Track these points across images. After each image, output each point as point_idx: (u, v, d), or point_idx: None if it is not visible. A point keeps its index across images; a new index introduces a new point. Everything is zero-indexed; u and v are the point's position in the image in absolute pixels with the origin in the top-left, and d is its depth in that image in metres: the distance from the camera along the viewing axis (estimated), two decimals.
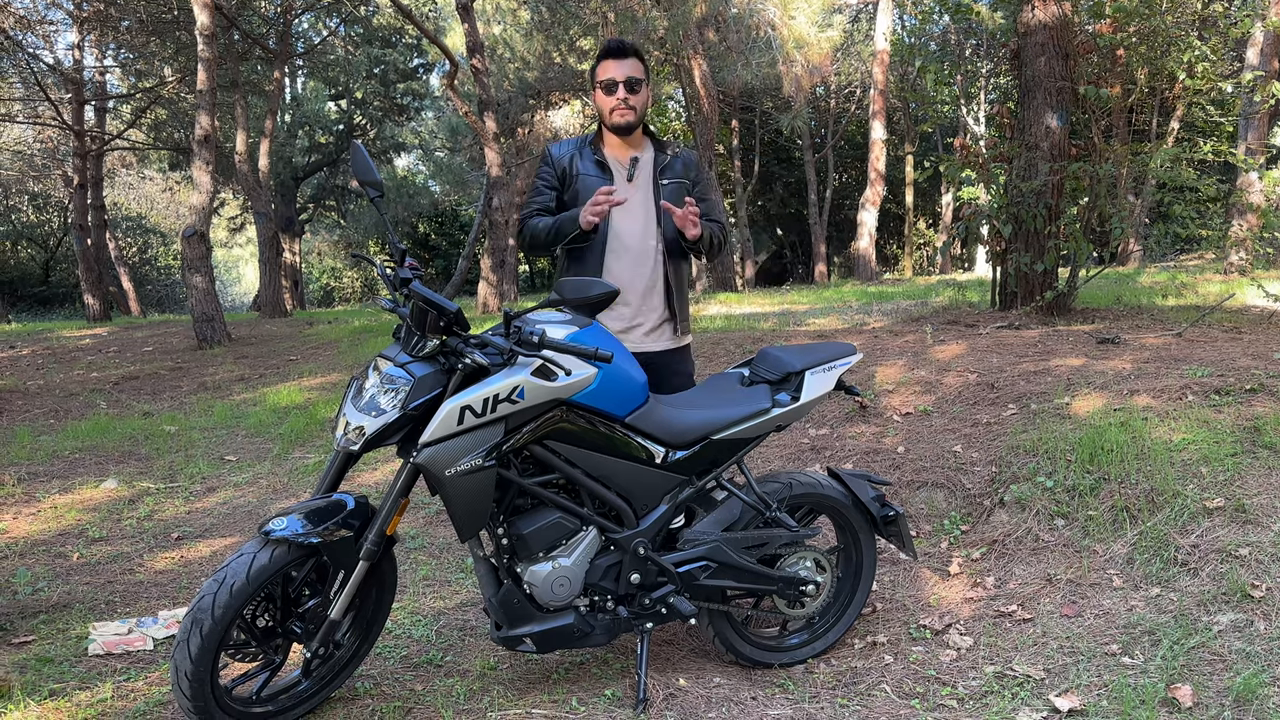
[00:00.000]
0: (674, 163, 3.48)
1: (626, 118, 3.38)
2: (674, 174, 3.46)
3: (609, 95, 3.37)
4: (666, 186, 3.44)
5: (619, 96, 3.35)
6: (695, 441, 3.00)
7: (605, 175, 3.41)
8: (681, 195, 3.43)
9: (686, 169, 3.50)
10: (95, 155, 18.85)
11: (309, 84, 27.04)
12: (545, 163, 3.52)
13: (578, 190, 3.41)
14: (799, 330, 8.18)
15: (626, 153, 3.47)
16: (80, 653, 3.33)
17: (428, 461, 2.62)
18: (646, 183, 3.45)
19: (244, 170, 16.13)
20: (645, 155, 3.48)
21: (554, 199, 3.46)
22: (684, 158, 3.52)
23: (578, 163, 3.43)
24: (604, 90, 3.38)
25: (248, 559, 2.61)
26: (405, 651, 3.38)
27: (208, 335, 11.29)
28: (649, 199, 3.44)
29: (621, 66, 3.36)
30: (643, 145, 3.51)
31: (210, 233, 11.79)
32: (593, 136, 3.50)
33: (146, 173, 28.76)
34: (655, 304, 3.45)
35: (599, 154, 3.44)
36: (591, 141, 3.48)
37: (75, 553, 4.39)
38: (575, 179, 3.42)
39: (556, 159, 3.47)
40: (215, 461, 5.92)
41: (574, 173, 3.43)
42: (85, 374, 9.63)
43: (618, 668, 3.23)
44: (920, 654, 3.29)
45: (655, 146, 3.51)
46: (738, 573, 3.09)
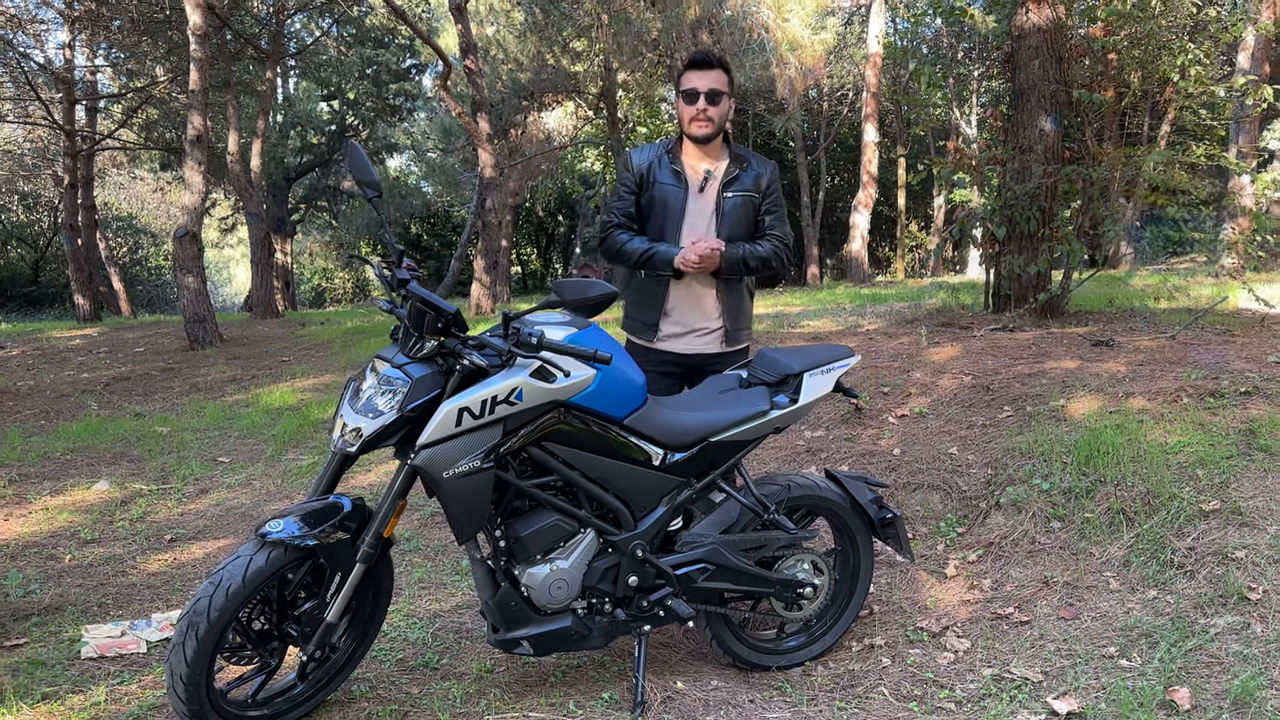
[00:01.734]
0: (743, 176, 3.50)
1: (704, 129, 3.43)
2: (740, 188, 3.49)
3: (689, 104, 3.42)
4: (729, 199, 3.48)
5: (699, 107, 3.40)
6: (694, 443, 2.99)
7: (680, 185, 3.47)
8: (746, 208, 3.49)
9: (758, 183, 3.52)
10: (86, 155, 18.76)
11: (301, 84, 26.97)
12: (625, 168, 3.59)
13: (653, 197, 3.49)
14: (793, 332, 8.18)
15: (702, 163, 3.51)
16: (73, 656, 3.31)
17: (426, 463, 2.60)
18: (713, 195, 3.49)
19: (236, 170, 16.09)
20: (720, 166, 3.52)
21: (633, 204, 3.52)
22: (757, 171, 3.54)
23: (656, 170, 3.50)
24: (685, 99, 3.44)
25: (244, 561, 2.59)
26: (401, 654, 3.36)
27: (199, 336, 11.25)
28: (713, 212, 3.49)
29: (705, 78, 3.41)
30: (720, 156, 3.54)
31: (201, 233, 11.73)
32: (672, 143, 3.56)
33: (137, 173, 28.65)
34: (710, 314, 3.52)
35: (677, 163, 3.50)
36: (670, 149, 3.54)
37: (67, 554, 4.36)
38: (652, 186, 3.50)
39: (637, 165, 3.54)
40: (208, 463, 5.89)
41: (651, 180, 3.50)
42: (76, 375, 9.58)
43: (614, 670, 3.22)
44: (918, 656, 3.29)
45: (732, 158, 3.53)
46: (736, 575, 3.08)
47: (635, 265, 3.50)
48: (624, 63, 16.66)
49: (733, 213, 3.46)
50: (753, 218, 3.53)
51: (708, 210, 3.48)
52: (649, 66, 17.24)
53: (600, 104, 20.39)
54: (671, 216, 3.46)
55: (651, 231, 3.50)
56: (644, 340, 3.55)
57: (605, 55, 16.85)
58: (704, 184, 3.49)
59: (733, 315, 3.55)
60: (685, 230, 3.46)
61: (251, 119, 19.16)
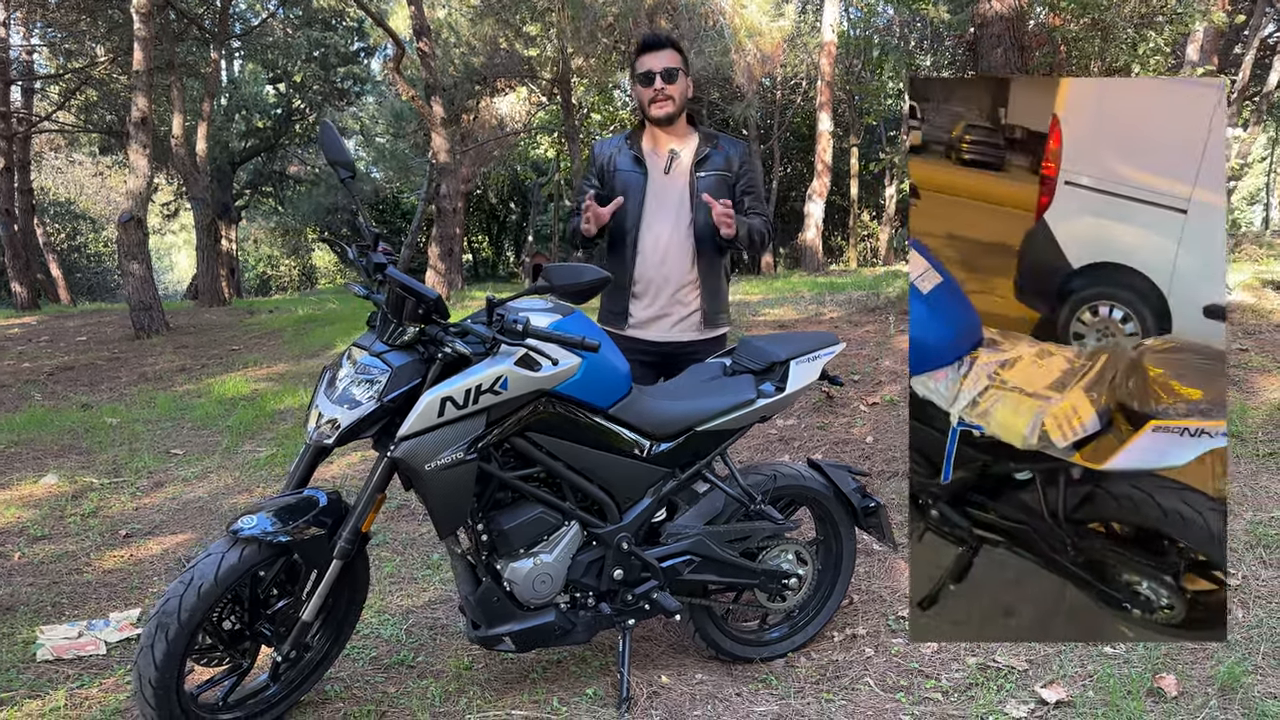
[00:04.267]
0: (714, 155, 3.43)
1: (665, 109, 3.35)
2: (713, 166, 3.42)
3: (647, 86, 3.36)
4: (703, 179, 3.40)
5: (656, 87, 3.34)
6: (679, 433, 2.92)
7: (640, 169, 3.41)
8: (721, 188, 3.40)
9: (729, 161, 3.45)
10: (22, 138, 18.14)
11: (247, 67, 26.34)
12: (590, 161, 3.54)
13: (614, 186, 3.43)
14: (756, 320, 8.16)
15: (666, 145, 3.44)
16: (28, 659, 3.16)
17: (406, 455, 2.51)
18: (683, 175, 3.41)
19: (180, 154, 15.65)
20: (686, 147, 3.44)
21: (595, 196, 3.43)
22: (728, 150, 3.46)
23: (616, 158, 3.45)
24: (641, 83, 3.37)
25: (215, 559, 2.47)
26: (375, 652, 3.26)
27: (145, 324, 10.93)
28: (684, 192, 3.40)
29: (658, 58, 3.35)
30: (685, 137, 3.47)
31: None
32: (631, 132, 3.51)
33: (76, 157, 27.80)
34: (686, 297, 3.44)
35: (636, 149, 3.44)
36: (630, 136, 3.49)
37: (16, 552, 4.17)
38: (613, 175, 3.44)
39: (598, 156, 3.51)
40: (161, 455, 5.70)
41: (612, 169, 3.45)
42: (16, 364, 9.25)
43: (596, 665, 3.15)
44: (901, 646, 3.26)
45: (701, 138, 3.46)
46: (721, 567, 3.02)
47: (573, 245, 3.50)
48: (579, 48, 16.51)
49: (709, 192, 3.36)
50: (728, 199, 3.44)
51: (676, 191, 3.40)
52: (604, 52, 17.10)
53: (555, 90, 20.20)
54: (632, 201, 3.39)
55: (615, 218, 3.41)
56: (614, 328, 3.48)
57: (561, 40, 16.68)
58: (669, 165, 3.41)
59: (711, 297, 3.47)
60: (647, 214, 3.40)
61: (196, 102, 18.64)
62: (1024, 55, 7.43)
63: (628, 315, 3.44)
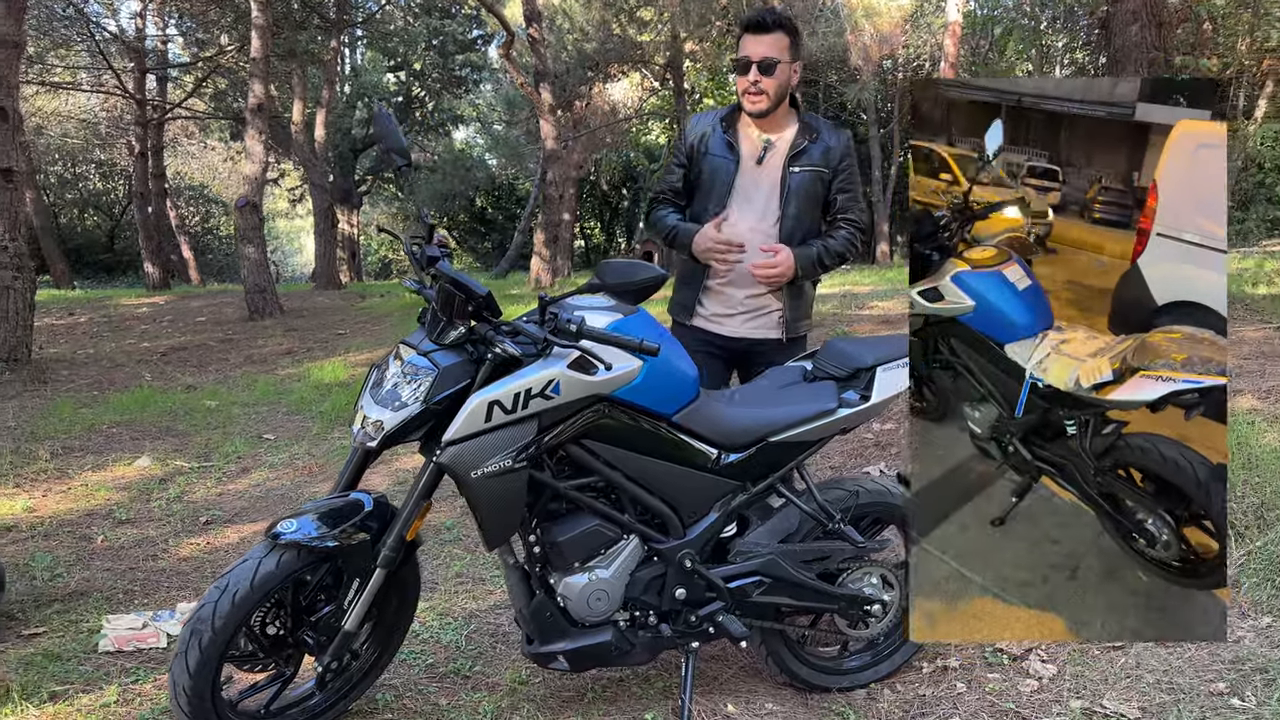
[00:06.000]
0: (811, 149, 3.12)
1: (758, 105, 3.06)
2: (809, 161, 3.12)
3: (742, 76, 3.06)
4: (796, 175, 3.11)
5: (750, 79, 3.03)
6: (751, 443, 2.68)
7: (732, 157, 3.12)
8: (814, 188, 3.13)
9: (827, 157, 3.13)
10: (156, 124, 18.94)
11: (368, 55, 26.98)
12: (680, 138, 3.29)
13: (702, 169, 3.16)
14: (860, 314, 7.81)
15: (764, 132, 3.15)
16: (90, 648, 3.14)
17: (452, 461, 2.35)
18: (776, 169, 3.13)
19: (300, 141, 16.07)
20: (783, 137, 3.15)
21: (681, 177, 3.22)
22: (827, 143, 3.15)
23: (709, 140, 3.17)
24: (738, 69, 3.08)
25: (253, 565, 2.37)
26: (432, 659, 3.13)
27: (259, 306, 11.24)
28: (775, 186, 3.12)
29: (760, 43, 3.02)
30: (785, 124, 3.17)
31: (269, 203, 11.71)
32: (731, 110, 3.20)
33: (209, 142, 28.99)
34: (760, 297, 3.17)
35: (731, 133, 3.14)
36: (727, 117, 3.18)
37: (100, 535, 4.22)
38: (703, 158, 3.17)
39: (690, 132, 3.23)
40: (252, 440, 5.75)
41: (702, 150, 3.17)
42: (136, 344, 9.59)
43: (660, 687, 2.95)
44: (997, 683, 2.95)
45: (800, 127, 3.16)
46: (795, 589, 2.78)
47: (667, 243, 3.23)
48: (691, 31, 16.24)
49: (799, 190, 3.11)
50: (822, 196, 3.16)
51: (767, 185, 3.13)
52: (717, 35, 16.79)
53: (667, 75, 20.00)
54: (718, 191, 3.13)
55: (697, 206, 3.19)
56: (682, 319, 3.26)
57: (672, 23, 16.43)
58: (763, 155, 3.12)
59: (794, 303, 3.20)
60: (734, 207, 3.12)
61: (317, 89, 19.14)
62: (1161, 33, 6.86)
63: (698, 307, 3.21)
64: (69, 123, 25.17)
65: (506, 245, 28.03)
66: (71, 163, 28.86)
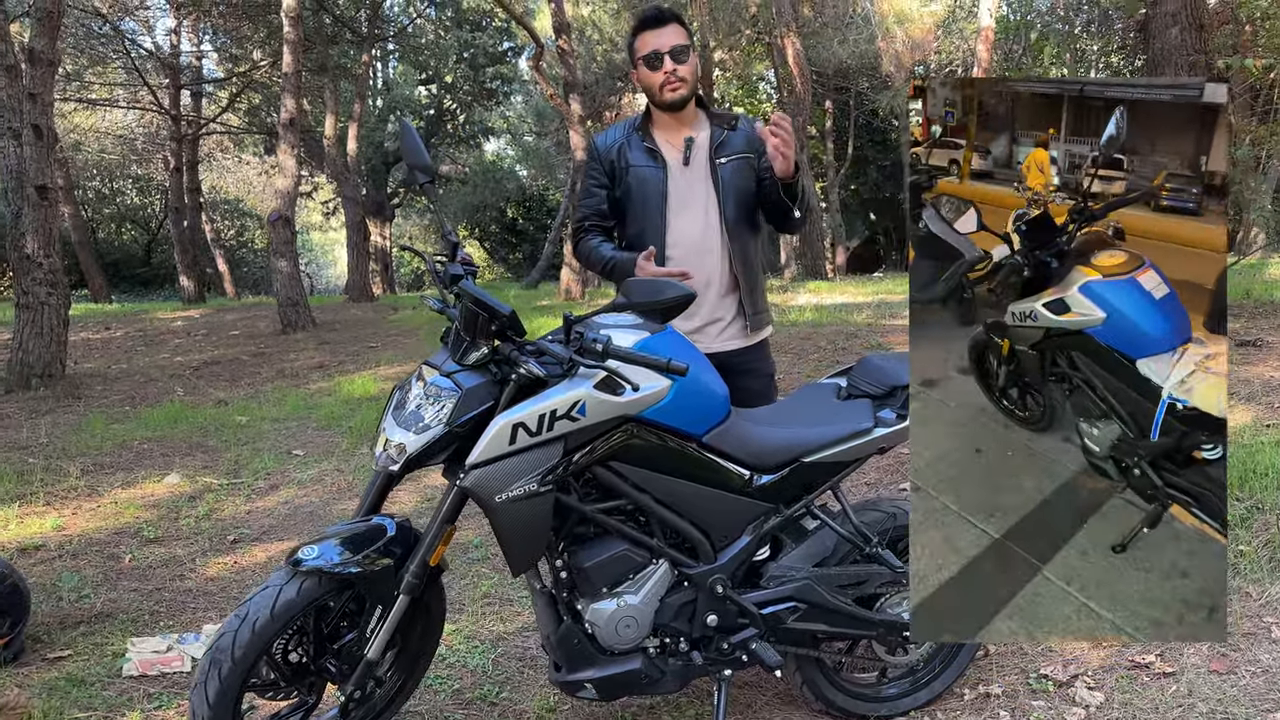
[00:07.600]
0: (733, 138, 3.04)
1: (679, 91, 2.96)
2: (733, 150, 3.03)
3: (655, 70, 2.96)
4: (725, 165, 3.02)
5: (666, 69, 2.94)
6: (783, 464, 2.60)
7: (658, 163, 3.02)
8: (746, 173, 3.03)
9: (749, 142, 3.05)
10: (191, 139, 19.17)
11: (399, 68, 27.16)
12: (592, 157, 3.14)
13: (629, 185, 3.04)
14: (894, 324, 7.68)
15: (680, 133, 3.05)
16: (114, 672, 3.11)
17: (476, 485, 2.28)
18: (703, 165, 3.04)
19: (333, 154, 16.18)
20: (701, 134, 3.06)
21: (606, 199, 3.10)
22: (745, 130, 3.07)
23: (626, 153, 3.05)
24: (648, 65, 2.97)
25: (273, 592, 2.31)
26: (458, 684, 3.07)
27: (292, 320, 11.28)
28: (708, 184, 3.03)
29: (662, 36, 2.95)
30: (697, 122, 3.08)
31: (303, 216, 11.78)
32: (640, 119, 3.10)
33: (243, 156, 29.32)
34: (723, 300, 3.06)
35: (649, 139, 3.04)
36: (639, 125, 3.08)
37: (128, 555, 4.21)
38: (626, 172, 3.04)
39: (603, 152, 3.09)
40: (282, 456, 5.73)
41: (623, 165, 3.05)
42: (170, 358, 9.65)
43: (692, 714, 2.87)
44: (1042, 710, 2.84)
45: (712, 122, 3.08)
46: (831, 615, 2.68)
47: (604, 275, 3.09)
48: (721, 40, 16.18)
49: (733, 180, 3.00)
50: (754, 181, 3.05)
51: (701, 184, 3.02)
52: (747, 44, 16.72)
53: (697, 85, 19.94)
54: (653, 202, 3.01)
55: (632, 225, 3.06)
56: None
57: (701, 32, 16.39)
58: (688, 155, 3.02)
59: (750, 295, 3.08)
60: (671, 215, 3.01)
61: (349, 103, 19.29)
62: (1202, 35, 6.70)
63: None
64: (106, 139, 25.54)
65: (537, 256, 28.07)
66: (109, 178, 29.27)
